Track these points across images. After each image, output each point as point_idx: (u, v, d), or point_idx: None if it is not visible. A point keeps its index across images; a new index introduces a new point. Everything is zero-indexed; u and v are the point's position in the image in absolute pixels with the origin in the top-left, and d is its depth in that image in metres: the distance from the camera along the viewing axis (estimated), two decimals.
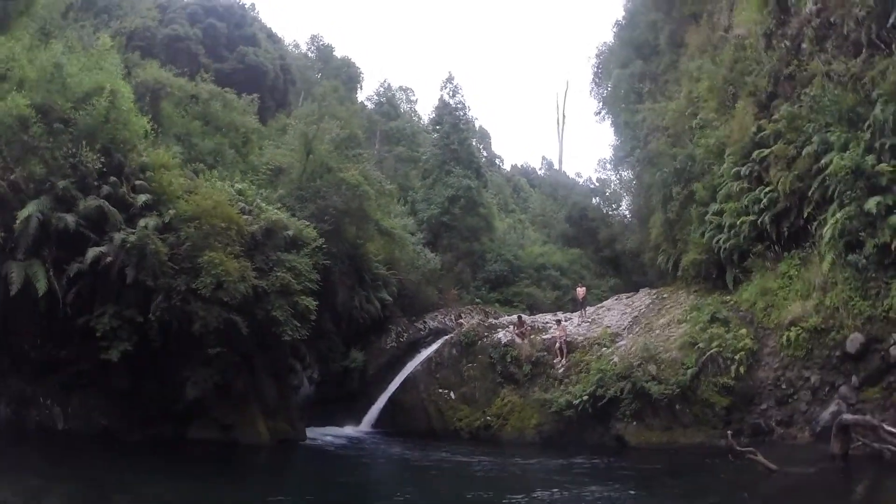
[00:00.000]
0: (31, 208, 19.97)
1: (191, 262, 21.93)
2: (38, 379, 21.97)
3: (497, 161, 79.54)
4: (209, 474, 20.33)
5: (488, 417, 29.01)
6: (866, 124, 19.54)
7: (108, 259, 20.75)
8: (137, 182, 23.00)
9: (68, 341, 21.78)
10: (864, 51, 20.34)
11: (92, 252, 20.60)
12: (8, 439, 20.30)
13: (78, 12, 39.59)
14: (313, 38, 71.60)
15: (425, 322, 36.90)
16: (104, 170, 22.18)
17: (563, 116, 73.69)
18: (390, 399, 32.26)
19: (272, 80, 51.48)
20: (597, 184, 55.61)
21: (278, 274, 23.97)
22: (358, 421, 32.43)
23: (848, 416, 16.73)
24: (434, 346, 33.39)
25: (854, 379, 19.36)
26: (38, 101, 21.83)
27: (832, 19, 22.08)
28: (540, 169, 79.65)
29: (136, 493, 16.20)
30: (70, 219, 20.62)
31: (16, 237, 20.00)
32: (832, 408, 19.38)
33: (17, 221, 19.79)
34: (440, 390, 31.30)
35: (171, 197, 23.22)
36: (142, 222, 21.56)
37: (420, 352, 33.91)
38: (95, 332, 20.79)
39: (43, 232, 20.29)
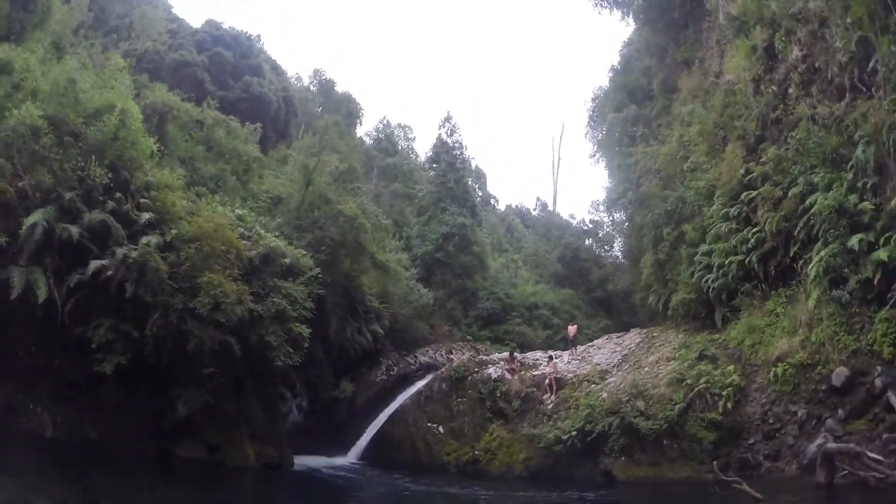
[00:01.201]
0: (37, 216, 20.22)
1: (190, 282, 22.20)
2: (29, 386, 21.86)
3: (492, 201, 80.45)
4: (195, 493, 20.44)
5: (476, 452, 28.95)
6: (849, 165, 20.21)
7: (109, 272, 20.97)
8: (142, 200, 23.36)
9: (63, 351, 21.77)
10: (847, 94, 21.11)
11: (94, 264, 20.82)
12: None
13: (88, 30, 40.42)
14: (316, 73, 73.30)
15: (416, 357, 37.01)
16: (110, 185, 22.56)
17: (559, 158, 75.08)
18: (379, 431, 32.15)
19: (275, 111, 52.36)
20: (590, 225, 56.48)
21: (274, 300, 24.23)
22: (345, 452, 32.17)
23: (832, 445, 16.98)
24: (424, 381, 33.49)
25: (840, 412, 19.59)
26: (50, 112, 22.30)
27: (817, 64, 22.93)
28: (534, 209, 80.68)
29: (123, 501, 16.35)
30: (74, 230, 20.88)
31: (20, 243, 20.22)
32: (819, 440, 19.50)
33: (23, 228, 20.05)
34: (429, 424, 31.28)
35: (174, 217, 23.57)
36: (144, 239, 21.85)
37: (410, 385, 33.95)
38: (91, 344, 20.87)
39: (46, 240, 20.50)
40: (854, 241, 18.88)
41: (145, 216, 22.88)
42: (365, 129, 70.08)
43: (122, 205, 22.66)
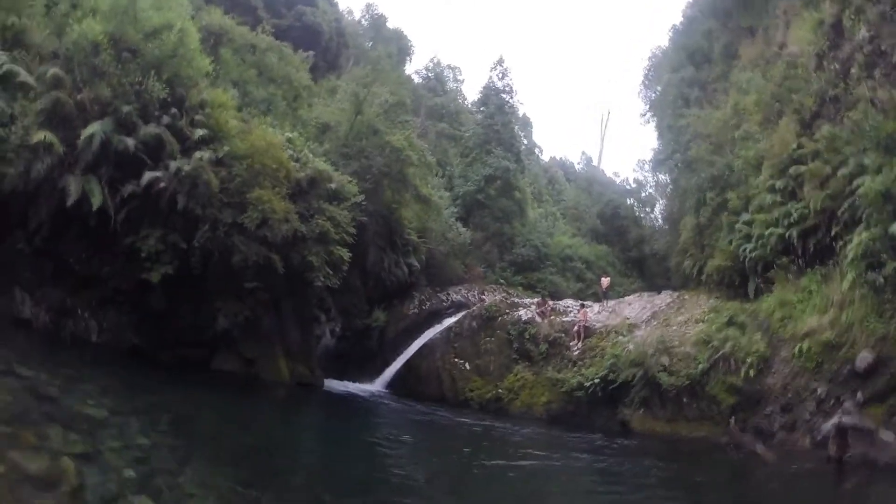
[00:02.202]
0: (94, 128, 20.98)
1: (239, 198, 22.94)
2: (77, 291, 22.97)
3: (536, 150, 79.74)
4: (231, 402, 21.57)
5: (500, 391, 29.78)
6: None
7: (162, 185, 21.77)
8: (196, 117, 23.97)
9: (112, 259, 22.81)
10: None
11: (147, 176, 21.63)
12: (44, 344, 21.39)
13: None
14: (368, 7, 72.51)
15: (448, 294, 37.62)
16: (167, 101, 23.19)
17: (608, 113, 73.97)
18: (406, 363, 33.15)
19: (326, 42, 52.39)
20: (633, 184, 56.21)
21: (319, 221, 24.85)
22: (372, 379, 33.35)
23: (847, 419, 17.27)
24: (455, 318, 34.18)
25: (860, 395, 19.70)
26: (110, 29, 22.79)
27: (883, 47, 22.29)
28: (578, 164, 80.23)
29: (167, 397, 17.42)
30: (130, 142, 21.63)
31: (77, 153, 21.08)
32: (834, 419, 19.77)
33: (81, 138, 20.85)
34: (456, 360, 32.14)
35: (227, 135, 24.16)
36: (197, 154, 22.55)
37: (441, 321, 34.69)
38: (140, 253, 21.85)
39: (103, 151, 21.31)
40: None
41: (199, 132, 23.52)
42: (414, 67, 69.91)
43: (177, 120, 23.32)
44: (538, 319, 31.03)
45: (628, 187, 56.62)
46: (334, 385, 29.83)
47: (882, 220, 19.57)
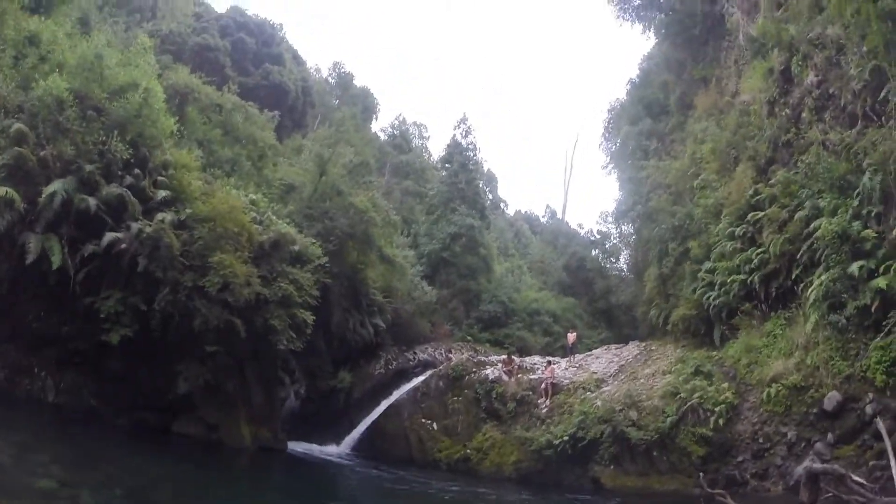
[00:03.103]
0: (56, 185, 20.76)
1: (200, 261, 22.67)
2: (35, 350, 22.49)
3: (502, 205, 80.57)
4: (191, 469, 20.87)
5: (468, 451, 29.20)
6: (856, 192, 20.38)
7: (123, 245, 21.49)
8: (159, 178, 23.89)
9: (71, 319, 22.33)
10: (859, 122, 21.34)
11: (108, 236, 21.35)
12: None
13: (112, 8, 41.00)
14: (335, 65, 73.51)
15: (415, 353, 37.34)
16: (130, 161, 23.07)
17: (571, 167, 75.09)
18: (373, 424, 32.49)
19: (292, 101, 52.87)
20: (597, 236, 56.58)
21: (281, 284, 24.62)
22: (339, 441, 32.63)
23: (817, 466, 17.20)
24: (422, 377, 33.72)
25: (830, 436, 19.76)
26: (75, 86, 22.82)
27: (831, 91, 23.13)
28: (543, 216, 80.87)
29: (122, 466, 16.74)
30: (92, 202, 21.39)
31: (38, 211, 20.76)
32: (806, 463, 19.72)
33: (43, 195, 20.58)
34: (423, 420, 31.58)
35: (189, 197, 24.08)
36: (159, 216, 22.35)
37: (407, 381, 34.22)
38: (99, 314, 21.41)
39: (64, 210, 21.05)
40: (855, 268, 19.07)
41: (161, 193, 23.38)
42: (380, 125, 70.72)
43: (139, 181, 23.17)
44: (505, 378, 30.74)
45: (592, 238, 57.14)
46: (298, 449, 29.10)
47: (840, 260, 20.00)
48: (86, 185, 21.76)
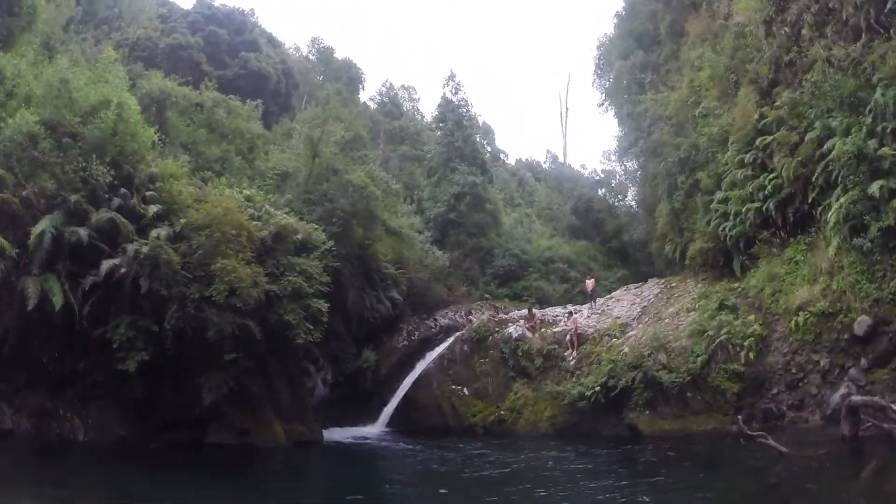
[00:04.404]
0: (44, 224, 20.21)
1: (203, 270, 22.12)
2: (56, 392, 22.20)
3: (502, 156, 79.57)
4: (229, 478, 20.72)
5: (502, 412, 29.31)
6: (867, 109, 19.68)
7: (122, 271, 21.01)
8: (148, 193, 23.27)
9: (85, 353, 21.99)
10: (863, 35, 20.49)
11: (106, 264, 20.86)
12: (30, 452, 20.62)
13: (78, 25, 40.04)
14: (314, 41, 71.71)
15: (436, 319, 37.14)
16: (114, 182, 22.43)
17: (567, 109, 73.92)
18: (404, 397, 32.60)
19: (275, 85, 51.80)
20: (602, 175, 55.75)
21: (289, 278, 24.11)
22: (373, 420, 32.73)
23: (856, 398, 16.89)
24: (446, 344, 33.74)
25: (863, 361, 19.53)
26: (46, 116, 22.12)
27: (831, 5, 22.21)
28: (545, 162, 80.00)
29: (160, 501, 16.56)
30: (83, 232, 20.86)
31: (30, 253, 20.23)
32: (842, 390, 19.53)
33: (31, 237, 20.03)
34: (453, 387, 31.64)
35: (182, 206, 23.45)
36: (153, 233, 21.81)
37: (432, 349, 34.20)
38: (112, 344, 21.01)
39: (57, 246, 20.52)
40: (875, 188, 18.49)
41: (153, 209, 22.82)
42: (368, 94, 69.22)
43: (128, 200, 22.61)
44: (529, 334, 30.57)
45: (597, 178, 56.27)
46: (334, 435, 29.04)
47: (859, 181, 19.44)
48: (73, 216, 21.21)
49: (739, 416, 20.16)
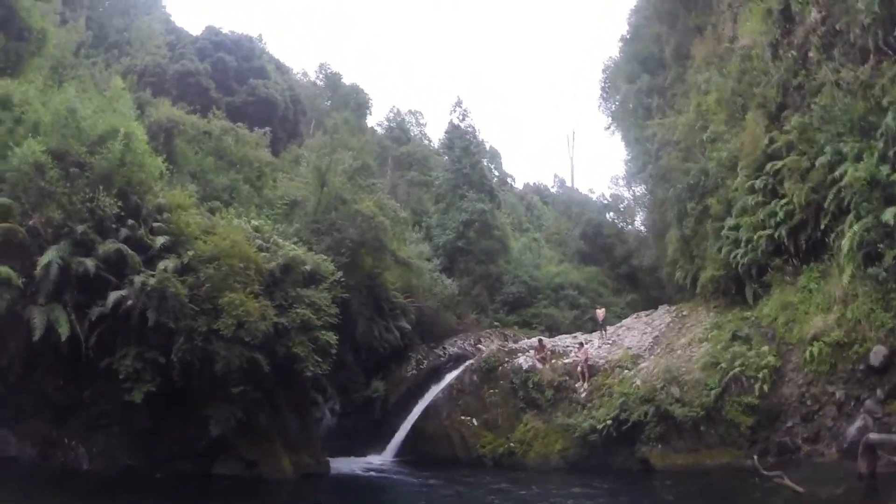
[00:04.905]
0: (51, 254, 20.13)
1: (211, 303, 21.99)
2: (61, 420, 22.09)
3: (509, 180, 79.76)
4: None
5: (512, 444, 28.88)
6: (879, 133, 19.38)
7: (129, 302, 20.91)
8: (155, 224, 23.21)
9: (91, 383, 21.88)
10: (871, 57, 20.22)
11: (113, 296, 20.76)
12: (34, 481, 20.42)
13: (88, 49, 40.32)
14: (321, 67, 72.26)
15: (445, 348, 36.89)
16: (122, 213, 22.38)
17: (574, 132, 73.95)
18: (413, 427, 32.21)
19: (283, 112, 52.00)
20: (610, 199, 55.57)
21: (298, 310, 23.90)
22: (381, 450, 32.35)
23: (874, 436, 16.44)
24: (455, 373, 33.38)
25: (879, 392, 19.14)
26: (53, 145, 22.11)
27: (837, 26, 21.91)
28: (552, 186, 79.97)
29: None
30: (90, 263, 20.77)
31: (37, 283, 20.13)
32: (858, 422, 19.14)
33: (38, 268, 19.94)
34: (462, 417, 31.25)
35: (189, 237, 23.36)
36: (161, 265, 21.72)
37: (441, 379, 33.83)
38: (118, 374, 20.85)
39: (63, 277, 20.43)
40: (889, 215, 18.12)
41: (160, 240, 22.72)
42: (375, 119, 69.78)
43: (135, 231, 22.53)
44: (539, 366, 30.23)
45: (606, 203, 56.10)
46: (341, 466, 28.65)
47: (872, 208, 19.12)
48: (81, 246, 21.13)
49: (755, 455, 19.72)
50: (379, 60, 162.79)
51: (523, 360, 30.99)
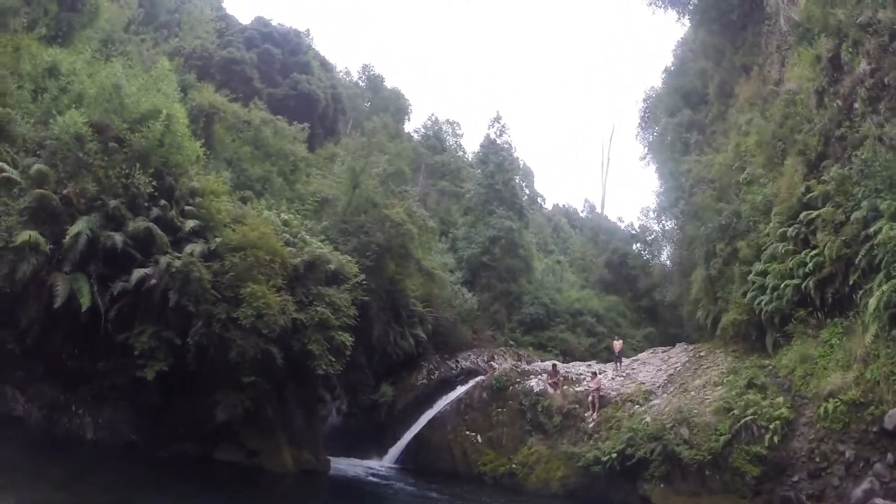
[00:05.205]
0: (81, 225, 20.49)
1: (233, 292, 22.24)
2: (71, 388, 22.42)
3: (539, 200, 79.52)
4: (234, 497, 20.68)
5: (514, 465, 28.75)
6: None
7: (153, 281, 21.20)
8: (187, 207, 23.54)
9: (106, 355, 22.19)
10: None
11: (137, 273, 21.06)
12: (37, 444, 20.79)
13: (139, 26, 41.07)
14: (365, 68, 72.72)
15: (457, 361, 36.92)
16: (155, 192, 22.74)
17: (608, 159, 73.67)
18: (416, 436, 32.27)
19: (323, 109, 52.38)
20: (638, 230, 55.21)
21: (317, 308, 24.07)
22: (382, 455, 32.46)
23: (880, 501, 16.13)
24: (465, 388, 33.38)
25: (890, 456, 18.71)
26: (94, 118, 22.60)
27: (886, 80, 21.59)
28: (582, 211, 79.75)
29: (162, 498, 16.51)
30: (118, 238, 21.11)
31: (64, 250, 20.52)
32: (865, 485, 18.74)
33: (67, 237, 20.31)
34: (467, 432, 31.20)
35: (219, 224, 23.67)
36: (188, 248, 22.00)
37: (450, 391, 33.83)
38: (133, 350, 21.18)
39: (91, 248, 20.78)
40: None
41: (190, 224, 23.02)
42: (413, 126, 69.94)
43: (166, 212, 22.85)
44: (550, 390, 29.99)
45: (633, 233, 55.74)
46: (341, 466, 28.77)
47: None
48: (111, 220, 21.51)
49: None
50: (420, 66, 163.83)
51: (535, 383, 30.81)
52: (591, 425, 27.42)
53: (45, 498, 15.52)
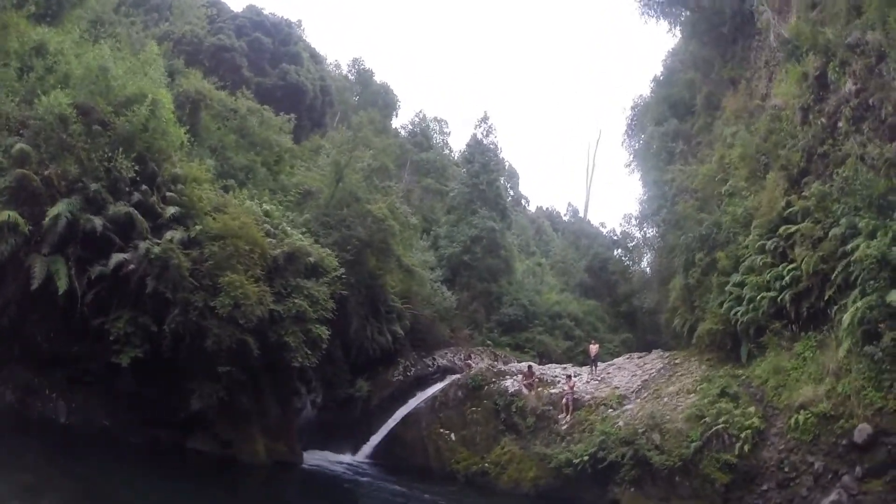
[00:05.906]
0: (60, 207, 20.34)
1: (211, 280, 22.18)
2: (45, 371, 22.25)
3: (523, 201, 79.75)
4: (204, 489, 20.56)
5: (486, 464, 28.82)
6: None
7: (131, 267, 21.10)
8: (168, 193, 23.41)
9: (81, 339, 22.03)
10: None
11: (115, 258, 20.96)
12: (9, 427, 20.57)
13: (129, 8, 40.65)
14: (355, 62, 72.32)
15: (434, 359, 36.92)
16: (137, 177, 22.61)
17: (593, 165, 73.71)
18: (391, 432, 32.25)
19: (311, 100, 52.02)
20: (620, 236, 55.44)
21: (295, 300, 24.10)
22: (356, 450, 32.37)
23: None
24: (440, 385, 33.41)
25: (858, 469, 18.95)
26: (79, 100, 22.39)
27: (871, 101, 21.86)
28: (565, 214, 79.77)
29: (133, 486, 16.42)
30: (98, 222, 20.97)
31: (43, 232, 20.39)
32: (833, 496, 18.98)
33: (47, 218, 20.17)
34: (441, 430, 31.23)
35: (200, 212, 23.55)
36: (168, 235, 21.88)
37: (426, 389, 33.87)
38: (109, 335, 21.06)
39: (70, 231, 20.65)
40: (894, 296, 18.08)
41: (171, 210, 22.90)
42: (401, 122, 69.77)
43: (147, 197, 22.71)
44: (525, 391, 30.14)
45: (615, 239, 55.97)
46: (315, 458, 28.76)
47: (878, 287, 19.02)
48: (92, 204, 21.36)
49: None
50: (410, 63, 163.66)
51: (510, 384, 30.93)
52: (564, 427, 27.58)
53: (13, 479, 15.34)
